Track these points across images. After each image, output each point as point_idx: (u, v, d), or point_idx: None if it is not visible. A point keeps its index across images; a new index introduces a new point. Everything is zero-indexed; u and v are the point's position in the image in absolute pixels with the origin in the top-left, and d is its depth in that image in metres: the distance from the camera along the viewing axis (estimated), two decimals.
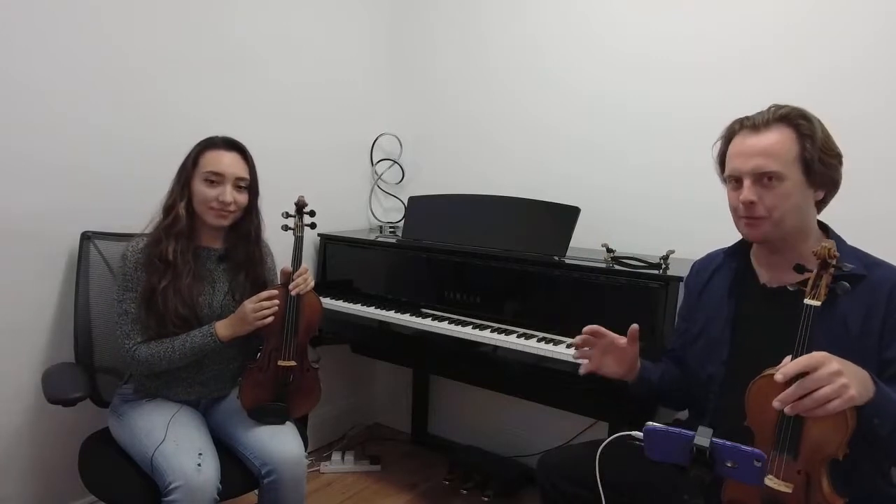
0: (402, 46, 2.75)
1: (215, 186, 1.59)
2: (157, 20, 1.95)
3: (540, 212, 2.06)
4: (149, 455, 1.44)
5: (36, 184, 1.73)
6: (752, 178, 1.20)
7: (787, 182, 1.18)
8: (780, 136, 1.19)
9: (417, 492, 2.38)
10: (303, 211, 1.74)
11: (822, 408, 0.97)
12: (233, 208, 1.62)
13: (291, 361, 1.64)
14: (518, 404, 2.42)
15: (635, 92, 2.15)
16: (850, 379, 0.97)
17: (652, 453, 1.06)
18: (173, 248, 1.56)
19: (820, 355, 0.99)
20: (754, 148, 1.20)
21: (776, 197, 1.18)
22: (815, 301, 1.04)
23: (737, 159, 1.23)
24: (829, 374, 0.96)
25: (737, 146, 1.24)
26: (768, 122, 1.20)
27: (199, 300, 1.61)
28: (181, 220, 1.59)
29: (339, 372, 2.73)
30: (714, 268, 1.41)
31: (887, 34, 1.75)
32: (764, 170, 1.18)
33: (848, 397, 0.96)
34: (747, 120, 1.24)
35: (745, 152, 1.22)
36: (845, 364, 1.00)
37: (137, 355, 1.55)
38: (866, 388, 1.01)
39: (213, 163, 1.60)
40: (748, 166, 1.20)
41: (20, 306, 1.74)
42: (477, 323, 1.97)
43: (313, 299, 1.70)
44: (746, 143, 1.22)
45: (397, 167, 2.79)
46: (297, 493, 1.56)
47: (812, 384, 0.97)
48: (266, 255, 1.79)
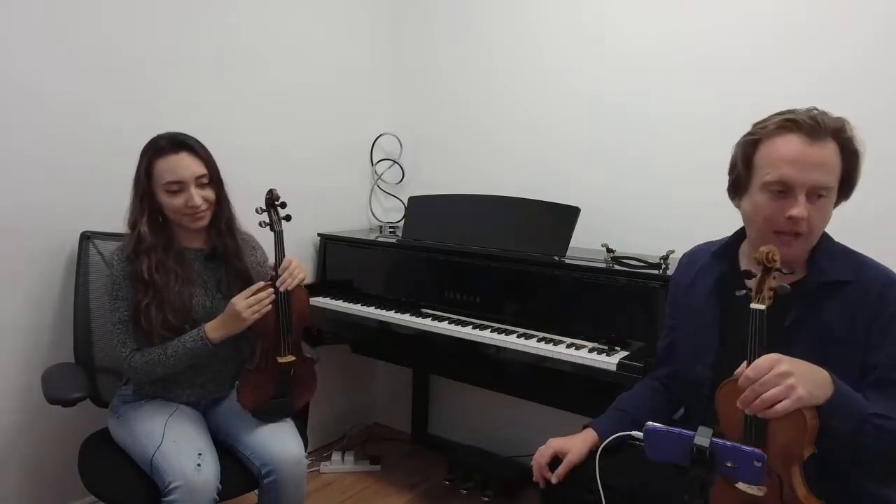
0: (402, 46, 2.75)
1: (179, 194, 1.54)
2: (157, 20, 1.95)
3: (540, 212, 2.06)
4: (148, 455, 1.43)
5: (36, 184, 1.73)
6: (808, 192, 1.10)
7: (830, 199, 1.12)
8: (833, 150, 1.11)
9: (417, 492, 2.37)
10: (275, 204, 1.67)
11: (772, 409, 0.98)
12: (204, 208, 1.58)
13: (291, 357, 1.63)
14: (518, 404, 2.42)
15: (635, 92, 2.15)
16: (798, 379, 0.98)
17: (652, 453, 1.06)
18: (147, 266, 1.53)
19: (767, 358, 1.00)
20: (814, 159, 1.09)
21: (821, 214, 1.12)
22: (760, 305, 1.05)
23: (790, 167, 1.10)
24: (776, 375, 0.98)
25: (790, 151, 1.11)
26: (825, 132, 1.10)
27: (192, 303, 1.59)
28: (146, 238, 1.55)
29: (339, 372, 2.73)
30: (699, 266, 1.36)
31: (887, 34, 1.75)
32: (823, 185, 1.09)
33: (796, 398, 0.97)
34: (799, 124, 1.11)
35: (803, 161, 1.09)
36: (797, 364, 1.00)
37: (133, 363, 1.54)
38: (821, 388, 1.02)
39: (168, 172, 1.53)
40: (808, 179, 1.09)
41: (20, 306, 1.74)
42: (477, 323, 1.97)
43: (299, 291, 1.66)
44: (804, 150, 1.09)
45: (397, 167, 2.79)
46: (297, 493, 1.56)
47: (759, 387, 0.99)
48: (254, 247, 1.77)
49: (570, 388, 1.85)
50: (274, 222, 1.66)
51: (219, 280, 1.67)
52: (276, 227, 1.65)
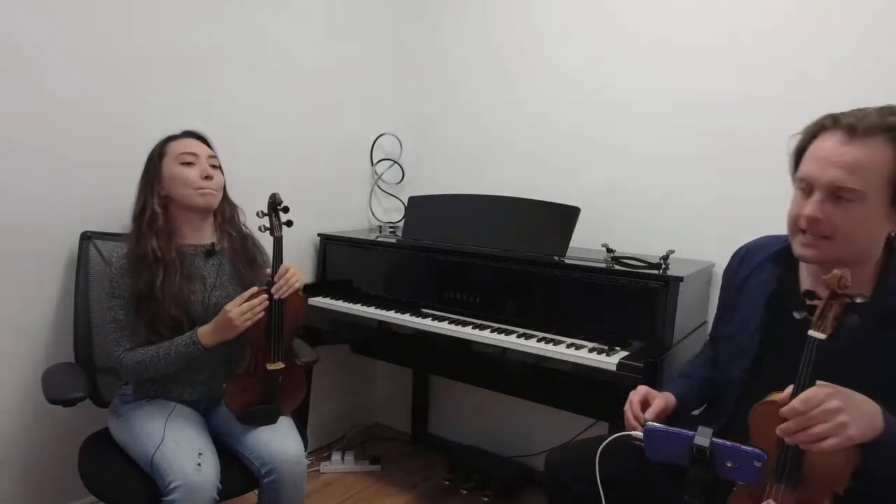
0: (402, 46, 2.75)
1: (193, 166, 1.59)
2: (158, 20, 1.95)
3: (540, 212, 2.06)
4: (149, 455, 1.43)
5: (36, 183, 1.73)
6: (826, 191, 1.03)
7: (867, 204, 1.01)
8: (878, 149, 1.00)
9: (417, 492, 2.38)
10: (277, 209, 1.64)
11: (817, 445, 0.93)
12: (214, 186, 1.61)
13: (280, 364, 1.62)
14: (518, 404, 2.42)
15: (636, 91, 2.15)
16: (850, 417, 0.92)
17: (652, 453, 1.06)
18: (157, 245, 1.53)
19: (820, 391, 0.94)
20: (840, 157, 1.02)
21: (849, 219, 1.02)
22: (821, 333, 0.96)
23: (813, 164, 1.06)
24: (827, 411, 0.92)
25: (821, 147, 1.06)
26: (871, 129, 1.01)
27: (190, 299, 1.59)
28: (158, 217, 1.56)
29: (339, 372, 2.73)
30: (755, 265, 1.28)
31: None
32: (841, 184, 1.01)
33: (846, 437, 0.91)
34: (845, 118, 1.04)
35: (827, 158, 1.03)
36: (849, 398, 0.94)
37: (125, 363, 1.54)
38: (872, 425, 0.95)
39: (182, 147, 1.61)
40: (824, 177, 1.03)
41: (20, 306, 1.74)
42: (477, 323, 1.97)
43: (296, 298, 1.64)
44: (833, 147, 1.03)
45: (397, 167, 2.79)
46: (296, 493, 1.56)
47: (807, 421, 0.93)
48: (255, 247, 1.77)
49: (570, 388, 1.84)
50: (274, 227, 1.64)
51: (218, 275, 1.66)
52: (277, 232, 1.63)
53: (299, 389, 1.72)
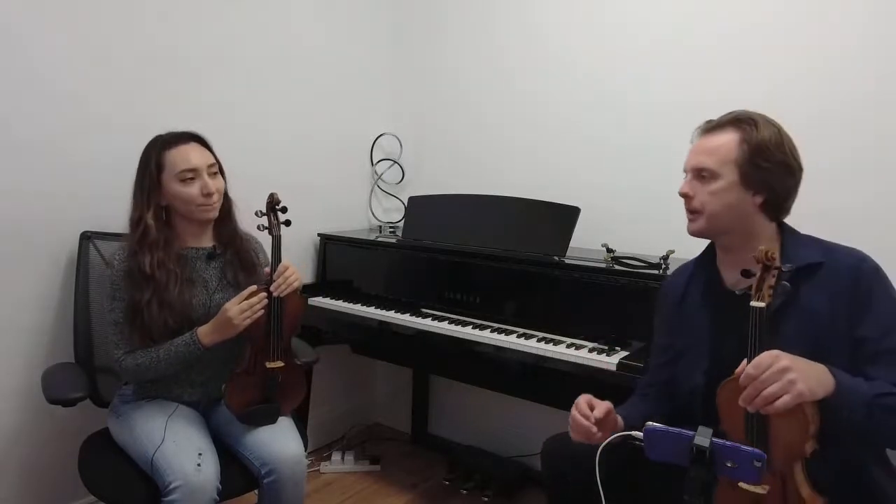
0: (402, 46, 2.75)
1: (194, 182, 1.57)
2: (158, 20, 1.95)
3: (540, 212, 2.06)
4: (149, 455, 1.43)
5: (36, 184, 1.73)
6: (693, 173, 1.29)
7: (721, 181, 1.24)
8: (727, 138, 1.25)
9: (417, 492, 2.38)
10: (276, 208, 1.65)
11: (771, 405, 1.01)
12: (216, 197, 1.60)
13: (279, 362, 1.62)
14: (518, 404, 2.42)
15: (637, 91, 2.15)
16: (798, 374, 1.00)
17: (652, 453, 1.06)
18: (150, 262, 1.52)
19: (767, 354, 1.03)
20: (701, 146, 1.29)
21: (707, 193, 1.26)
22: (760, 303, 1.07)
23: (687, 156, 1.33)
24: (776, 371, 1.00)
25: (693, 145, 1.33)
26: (721, 124, 1.27)
27: (192, 303, 1.59)
28: (151, 231, 1.54)
29: (339, 372, 2.73)
30: (687, 278, 1.41)
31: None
32: (700, 166, 1.27)
33: (796, 393, 0.99)
34: (708, 122, 1.32)
35: (694, 150, 1.31)
36: (797, 360, 1.02)
37: (124, 365, 1.54)
38: (821, 383, 1.04)
39: (181, 161, 1.56)
40: (691, 162, 1.30)
41: (20, 306, 1.74)
42: (477, 323, 1.97)
43: (294, 297, 1.64)
44: (698, 141, 1.31)
45: (397, 167, 2.79)
46: (296, 493, 1.56)
47: (760, 383, 1.01)
48: (256, 249, 1.77)
49: (570, 388, 1.82)
50: (273, 226, 1.65)
51: (221, 277, 1.66)
52: (275, 231, 1.64)
53: (299, 389, 1.72)
